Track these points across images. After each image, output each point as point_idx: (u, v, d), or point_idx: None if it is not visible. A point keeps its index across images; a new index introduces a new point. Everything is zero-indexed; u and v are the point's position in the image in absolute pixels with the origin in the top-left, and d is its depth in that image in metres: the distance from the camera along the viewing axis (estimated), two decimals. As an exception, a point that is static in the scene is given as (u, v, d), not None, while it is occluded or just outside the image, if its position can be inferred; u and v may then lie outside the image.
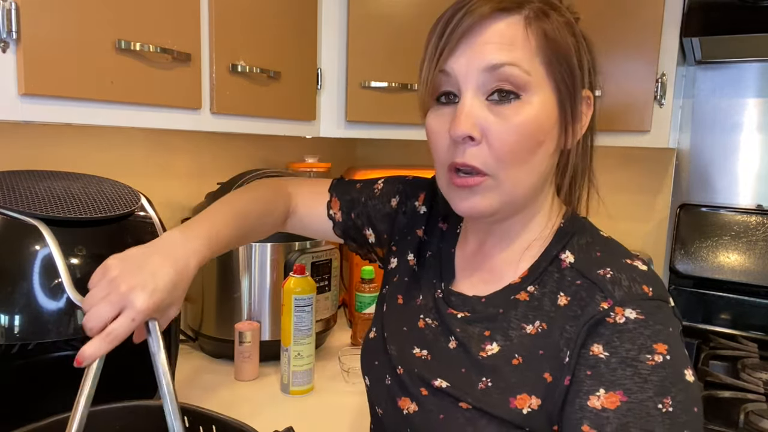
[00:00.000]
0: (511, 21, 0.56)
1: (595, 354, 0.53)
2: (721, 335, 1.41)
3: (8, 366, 0.85)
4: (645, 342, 0.51)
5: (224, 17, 1.05)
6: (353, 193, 0.83)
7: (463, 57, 0.57)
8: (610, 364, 0.51)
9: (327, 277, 1.33)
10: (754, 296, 1.47)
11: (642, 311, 0.53)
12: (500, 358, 0.58)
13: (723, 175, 1.53)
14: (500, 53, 0.55)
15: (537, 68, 0.56)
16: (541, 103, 0.57)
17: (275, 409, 1.07)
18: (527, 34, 0.56)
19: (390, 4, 1.35)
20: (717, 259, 1.50)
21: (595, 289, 0.55)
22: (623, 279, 0.55)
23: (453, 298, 0.66)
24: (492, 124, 0.56)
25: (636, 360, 0.51)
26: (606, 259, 0.58)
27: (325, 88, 1.36)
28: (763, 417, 1.02)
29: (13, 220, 0.75)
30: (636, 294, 0.54)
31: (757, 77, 1.47)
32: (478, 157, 0.57)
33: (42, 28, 0.76)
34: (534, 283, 0.61)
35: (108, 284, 0.55)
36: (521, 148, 0.57)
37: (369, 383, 0.72)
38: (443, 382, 0.60)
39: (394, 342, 0.69)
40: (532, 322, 0.59)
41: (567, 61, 0.57)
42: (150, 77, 0.92)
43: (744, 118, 1.49)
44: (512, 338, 0.59)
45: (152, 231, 0.90)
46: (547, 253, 0.62)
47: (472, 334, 0.62)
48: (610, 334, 0.52)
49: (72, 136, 1.14)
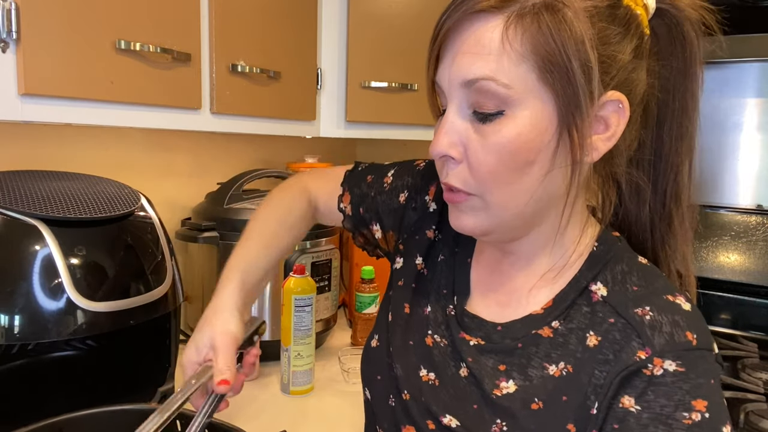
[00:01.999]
0: (491, 24, 0.48)
1: (625, 407, 0.47)
2: (721, 335, 1.41)
3: (8, 366, 0.85)
4: (683, 398, 0.45)
5: (224, 17, 1.05)
6: (363, 187, 0.78)
7: (446, 69, 0.52)
8: (642, 420, 0.46)
9: (327, 277, 1.32)
10: (754, 296, 1.47)
11: (683, 363, 0.46)
12: (517, 400, 0.53)
13: (723, 175, 1.53)
14: (475, 66, 0.49)
15: (523, 76, 0.48)
16: (528, 117, 0.49)
17: (275, 409, 1.07)
18: (506, 38, 0.47)
19: (390, 4, 1.35)
20: (717, 259, 1.50)
21: (631, 333, 0.49)
22: (665, 324, 0.48)
23: (467, 320, 0.60)
24: (472, 142, 0.51)
25: (671, 418, 0.45)
26: (644, 294, 0.51)
27: (325, 88, 1.36)
28: (763, 417, 1.02)
29: (13, 220, 0.75)
30: (678, 343, 0.47)
31: (757, 77, 1.47)
32: (459, 177, 0.53)
33: (42, 28, 0.76)
34: (559, 318, 0.54)
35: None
36: (502, 169, 0.50)
37: (371, 398, 0.68)
38: (453, 419, 0.55)
39: (400, 359, 0.64)
40: (556, 362, 0.52)
41: (568, 64, 0.47)
42: (150, 77, 0.92)
43: (744, 118, 1.49)
44: (532, 378, 0.53)
45: (152, 231, 0.90)
46: (576, 282, 0.55)
47: (485, 367, 0.56)
48: (644, 387, 0.47)
49: (72, 136, 1.14)
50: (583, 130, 0.49)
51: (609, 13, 0.49)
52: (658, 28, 0.54)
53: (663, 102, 0.56)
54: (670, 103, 0.56)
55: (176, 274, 0.93)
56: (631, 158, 0.56)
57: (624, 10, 0.50)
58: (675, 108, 0.56)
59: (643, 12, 0.52)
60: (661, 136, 0.56)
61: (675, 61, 0.55)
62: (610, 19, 0.49)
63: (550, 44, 0.47)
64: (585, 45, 0.47)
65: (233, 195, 1.27)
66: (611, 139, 0.51)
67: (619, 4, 0.50)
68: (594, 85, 0.48)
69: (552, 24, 0.47)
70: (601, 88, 0.49)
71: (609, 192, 0.57)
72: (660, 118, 0.56)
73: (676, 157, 0.56)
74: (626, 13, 0.50)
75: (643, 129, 0.56)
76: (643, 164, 0.57)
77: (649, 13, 0.53)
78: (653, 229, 0.58)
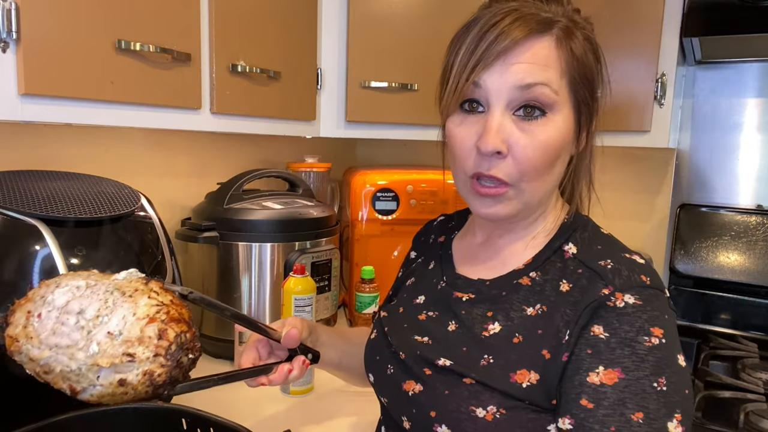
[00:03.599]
0: (544, 42, 0.60)
1: (595, 334, 0.56)
2: (721, 335, 1.41)
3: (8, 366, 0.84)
4: (643, 325, 0.55)
5: (224, 17, 1.05)
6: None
7: (497, 73, 0.60)
8: (610, 344, 0.55)
9: (327, 277, 1.33)
10: (754, 296, 1.47)
11: (640, 297, 0.56)
12: (501, 338, 0.62)
13: (723, 175, 1.53)
14: (534, 73, 0.59)
15: (563, 87, 0.61)
16: (563, 120, 0.61)
17: (275, 409, 1.07)
18: (558, 54, 0.60)
19: (390, 4, 1.35)
20: (717, 259, 1.50)
21: (596, 278, 0.59)
22: (623, 269, 0.58)
23: (459, 282, 0.71)
24: (519, 139, 0.60)
25: (634, 341, 0.54)
26: (606, 251, 0.62)
27: (325, 88, 1.36)
28: (763, 417, 1.02)
29: (13, 220, 0.75)
30: (635, 282, 0.57)
31: (757, 77, 1.47)
32: (503, 170, 0.61)
33: (42, 28, 0.76)
34: (537, 270, 0.65)
35: None
36: (543, 163, 0.61)
37: (373, 379, 0.75)
38: (447, 360, 0.63)
39: (395, 335, 0.73)
40: (533, 305, 0.62)
41: (590, 81, 0.63)
42: (150, 77, 0.92)
43: (744, 118, 1.49)
44: (513, 319, 0.63)
45: (152, 231, 0.90)
46: (551, 244, 0.66)
47: (476, 316, 0.65)
48: (610, 317, 0.56)
49: (72, 136, 1.14)
50: (587, 129, 0.65)
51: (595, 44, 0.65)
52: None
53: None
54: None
55: (176, 274, 0.93)
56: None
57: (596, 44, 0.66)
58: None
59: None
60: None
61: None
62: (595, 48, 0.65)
63: (583, 61, 0.62)
64: (600, 64, 0.64)
65: (233, 195, 1.27)
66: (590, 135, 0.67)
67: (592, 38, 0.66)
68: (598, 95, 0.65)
69: (583, 45, 0.62)
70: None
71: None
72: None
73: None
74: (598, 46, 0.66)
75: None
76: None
77: None
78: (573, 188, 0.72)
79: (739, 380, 1.17)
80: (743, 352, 1.31)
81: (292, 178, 1.44)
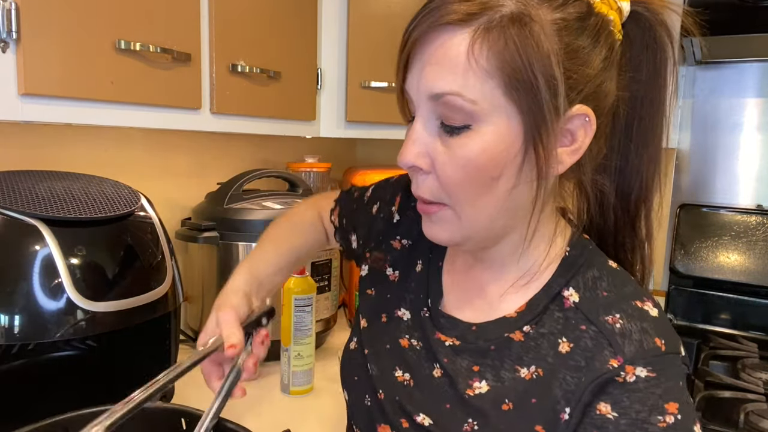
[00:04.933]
0: (458, 38, 0.47)
1: (602, 413, 0.48)
2: (721, 335, 1.41)
3: (8, 366, 0.85)
4: (656, 402, 0.47)
5: (224, 17, 1.05)
6: (350, 201, 0.83)
7: (414, 78, 0.51)
8: (620, 426, 0.47)
9: (327, 277, 1.32)
10: (754, 296, 1.47)
11: (654, 369, 0.48)
12: (488, 401, 0.54)
13: (723, 175, 1.53)
14: (442, 80, 0.48)
15: (490, 92, 0.47)
16: (493, 132, 0.48)
17: (275, 409, 1.07)
18: (471, 54, 0.47)
19: (390, 4, 1.34)
20: (717, 259, 1.50)
21: (602, 341, 0.50)
22: (634, 332, 0.50)
23: (442, 320, 0.61)
24: (439, 155, 0.51)
25: (647, 422, 0.47)
26: (614, 301, 0.53)
27: (325, 88, 1.36)
28: (763, 417, 1.02)
29: (13, 220, 0.75)
30: (648, 350, 0.49)
31: (757, 77, 1.47)
32: (429, 188, 0.53)
33: (42, 28, 0.76)
34: (531, 323, 0.55)
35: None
36: (469, 184, 0.50)
37: (348, 399, 0.69)
38: (426, 418, 0.57)
39: (375, 361, 0.65)
40: (527, 365, 0.54)
41: (531, 82, 0.46)
42: (150, 77, 0.92)
43: (744, 118, 1.49)
44: (504, 380, 0.54)
45: (152, 231, 0.90)
46: (548, 288, 0.56)
47: (460, 367, 0.57)
48: (619, 394, 0.48)
49: (72, 136, 1.14)
50: (549, 146, 0.48)
51: (578, 26, 0.48)
52: (631, 31, 0.54)
53: (630, 109, 0.56)
54: (638, 109, 0.56)
55: (176, 274, 0.93)
56: (598, 165, 0.56)
57: (595, 20, 0.50)
58: (642, 115, 0.56)
59: (616, 16, 0.52)
60: (627, 143, 0.57)
61: (645, 66, 0.55)
62: (578, 32, 0.48)
63: (516, 61, 0.46)
64: (551, 61, 0.46)
65: (233, 195, 1.27)
66: (577, 152, 0.51)
67: (591, 13, 0.49)
68: (559, 101, 0.47)
69: (518, 40, 0.46)
70: (566, 104, 0.48)
71: (578, 200, 0.58)
72: (627, 124, 0.56)
73: (641, 164, 0.57)
74: (596, 23, 0.50)
75: (610, 135, 0.56)
76: (610, 170, 0.57)
77: (623, 17, 0.53)
78: (617, 232, 0.60)
79: (739, 380, 1.17)
80: (743, 352, 1.31)
81: (292, 178, 1.44)
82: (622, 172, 0.58)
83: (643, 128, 0.57)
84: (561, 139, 0.50)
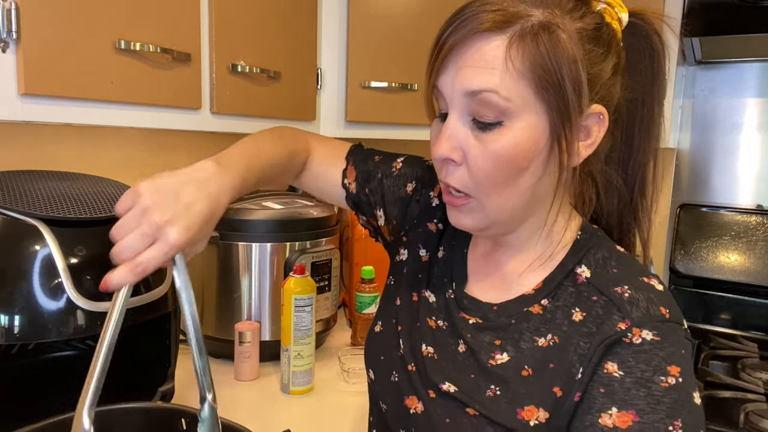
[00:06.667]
0: (494, 43, 0.53)
1: (609, 372, 0.53)
2: (721, 335, 1.41)
3: (8, 366, 0.85)
4: (660, 364, 0.52)
5: (224, 17, 1.05)
6: (371, 165, 0.80)
7: (449, 77, 0.56)
8: (625, 384, 0.52)
9: (327, 277, 1.32)
10: (754, 296, 1.47)
11: (658, 333, 0.53)
12: (510, 369, 0.58)
13: (723, 175, 1.53)
14: (479, 79, 0.53)
15: (522, 92, 0.53)
16: (524, 128, 0.54)
17: (275, 409, 1.07)
18: (508, 57, 0.52)
19: (390, 4, 1.35)
20: (717, 259, 1.50)
21: (612, 308, 0.55)
22: (641, 300, 0.55)
23: (466, 302, 0.66)
24: (471, 149, 0.55)
25: (650, 381, 0.51)
26: (623, 276, 0.58)
27: (325, 88, 1.36)
28: (763, 417, 1.02)
29: (13, 220, 0.75)
30: (654, 316, 0.54)
31: (757, 77, 1.47)
32: (460, 180, 0.57)
33: (42, 28, 0.76)
34: (548, 297, 0.60)
35: (141, 214, 0.53)
36: (499, 175, 0.55)
37: (374, 378, 0.72)
38: (451, 386, 0.60)
39: (406, 339, 0.69)
40: (544, 335, 0.58)
41: (559, 83, 0.52)
42: (150, 77, 0.92)
43: (744, 118, 1.49)
44: (523, 350, 0.59)
45: (152, 231, 0.90)
46: (563, 266, 0.61)
47: (482, 342, 0.61)
48: (625, 354, 0.53)
49: (72, 136, 1.14)
50: (571, 140, 0.54)
51: (595, 35, 0.55)
52: (628, 40, 0.61)
53: (632, 108, 0.63)
54: (639, 109, 0.63)
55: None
56: (606, 157, 0.63)
57: (606, 31, 0.56)
58: (643, 113, 0.63)
59: (617, 26, 0.58)
60: (630, 137, 0.64)
61: (644, 70, 0.62)
62: (595, 41, 0.55)
63: (547, 64, 0.52)
64: (577, 65, 0.53)
65: (233, 195, 1.27)
66: (592, 146, 0.58)
67: (603, 24, 0.56)
68: (583, 101, 0.54)
69: (549, 45, 0.52)
70: (587, 103, 0.54)
71: (587, 189, 0.63)
72: (629, 121, 0.64)
73: (643, 156, 0.64)
74: (608, 34, 0.56)
75: (614, 131, 0.62)
76: (614, 162, 0.64)
77: (622, 27, 0.59)
78: (621, 219, 0.66)
79: (739, 380, 1.17)
80: (743, 352, 1.31)
81: (292, 178, 1.44)
82: (625, 163, 0.64)
83: (645, 125, 0.64)
84: (579, 134, 0.56)
